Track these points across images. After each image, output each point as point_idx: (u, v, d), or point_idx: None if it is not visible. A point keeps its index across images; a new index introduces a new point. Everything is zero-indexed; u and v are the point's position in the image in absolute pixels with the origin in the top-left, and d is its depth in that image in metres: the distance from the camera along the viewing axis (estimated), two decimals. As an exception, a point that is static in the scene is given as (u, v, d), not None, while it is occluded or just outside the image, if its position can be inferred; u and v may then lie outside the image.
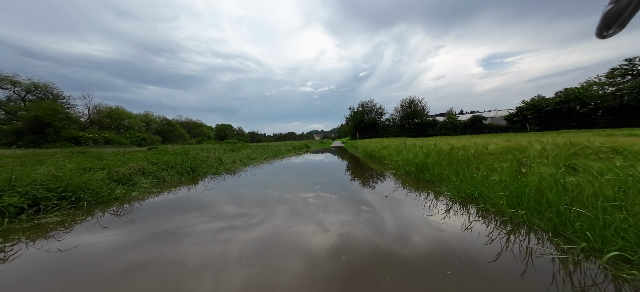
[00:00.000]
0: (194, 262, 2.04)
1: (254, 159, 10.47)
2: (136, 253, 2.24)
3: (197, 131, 46.28)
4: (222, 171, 6.93)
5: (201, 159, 7.16)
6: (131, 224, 3.03)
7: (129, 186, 4.56)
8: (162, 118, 35.86)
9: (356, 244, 2.36)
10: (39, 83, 26.38)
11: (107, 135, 27.51)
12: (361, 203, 3.83)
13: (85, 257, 2.20)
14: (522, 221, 2.68)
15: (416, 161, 6.03)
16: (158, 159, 5.91)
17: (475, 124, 31.67)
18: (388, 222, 2.92)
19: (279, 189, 4.91)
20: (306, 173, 7.02)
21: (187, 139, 36.91)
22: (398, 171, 6.69)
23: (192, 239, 2.51)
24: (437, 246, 2.27)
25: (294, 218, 3.14)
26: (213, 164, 7.21)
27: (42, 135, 22.88)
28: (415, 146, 8.56)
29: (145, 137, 30.39)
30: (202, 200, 4.10)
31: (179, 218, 3.18)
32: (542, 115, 24.87)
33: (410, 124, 38.50)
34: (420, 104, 39.19)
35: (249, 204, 3.86)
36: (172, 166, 5.66)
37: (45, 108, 23.13)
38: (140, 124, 32.99)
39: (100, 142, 27.48)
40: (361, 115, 41.97)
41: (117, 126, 31.05)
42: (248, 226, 2.87)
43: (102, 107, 29.74)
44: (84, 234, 2.71)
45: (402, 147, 8.89)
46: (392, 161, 8.03)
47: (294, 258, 2.09)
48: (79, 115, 28.29)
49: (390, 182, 5.42)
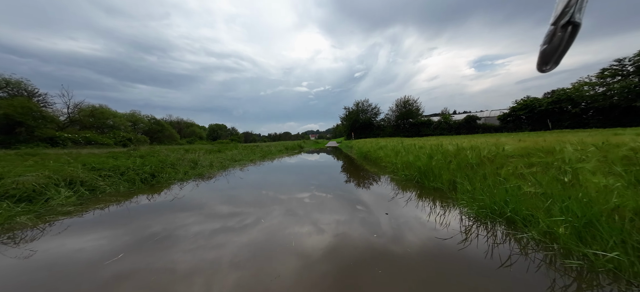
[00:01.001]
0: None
1: (238, 161, 9.46)
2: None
3: (188, 131, 44.36)
4: (193, 176, 5.93)
5: (170, 162, 6.10)
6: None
7: (34, 203, 3.28)
8: (150, 117, 33.99)
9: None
10: (10, 79, 24.42)
11: (88, 135, 25.75)
12: (354, 222, 2.94)
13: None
14: (611, 269, 1.60)
15: (418, 164, 5.20)
16: (104, 163, 4.82)
17: (469, 124, 31.41)
18: (395, 254, 2.04)
19: (254, 201, 3.99)
20: (293, 179, 6.10)
21: (177, 139, 35.19)
22: (397, 175, 5.86)
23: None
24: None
25: (277, 236, 2.21)
26: (183, 168, 6.17)
27: (12, 135, 21.07)
28: (414, 146, 7.76)
29: (131, 138, 28.70)
30: (135, 220, 3.11)
31: (90, 247, 2.21)
32: (535, 115, 24.73)
33: (406, 124, 38.04)
34: (415, 103, 38.84)
35: (206, 225, 2.91)
36: (123, 173, 4.60)
37: (16, 106, 21.32)
38: (126, 124, 31.20)
39: (80, 142, 25.69)
40: (356, 115, 41.27)
41: (100, 126, 29.25)
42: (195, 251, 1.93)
43: (83, 105, 27.90)
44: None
45: (400, 147, 8.08)
46: (390, 163, 7.20)
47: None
48: (57, 115, 26.39)
49: (389, 191, 4.56)
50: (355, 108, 42.53)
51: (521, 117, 26.45)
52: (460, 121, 32.41)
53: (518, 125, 26.49)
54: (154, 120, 34.34)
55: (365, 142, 18.29)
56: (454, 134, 30.19)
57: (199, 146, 16.01)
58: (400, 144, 8.71)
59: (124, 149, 17.65)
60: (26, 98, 23.63)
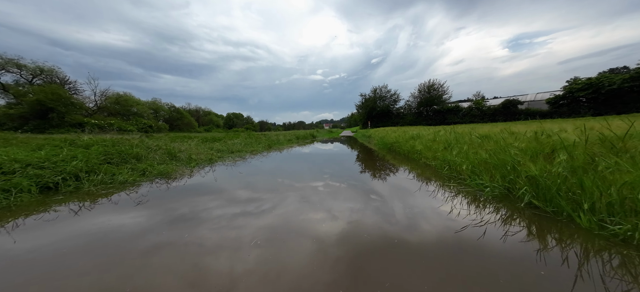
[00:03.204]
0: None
1: (235, 152, 7.78)
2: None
3: (206, 119, 44.59)
4: (154, 175, 4.20)
5: (135, 154, 4.53)
6: None
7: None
8: (170, 106, 34.23)
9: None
10: (44, 67, 25.30)
11: (113, 121, 26.35)
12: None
13: None
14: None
15: (527, 170, 2.78)
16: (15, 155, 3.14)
17: (508, 109, 26.70)
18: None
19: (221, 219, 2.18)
20: (297, 175, 4.29)
21: (195, 127, 35.29)
22: (462, 183, 3.58)
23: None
24: None
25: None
26: (147, 162, 4.55)
27: (46, 120, 21.97)
28: (469, 135, 5.35)
29: (152, 125, 29.10)
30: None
31: None
32: (601, 96, 19.73)
33: (429, 111, 34.02)
34: (441, 88, 34.29)
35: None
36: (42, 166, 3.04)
37: (48, 92, 21.96)
38: (148, 112, 31.73)
39: (105, 128, 26.44)
40: (373, 103, 37.83)
41: (125, 113, 29.96)
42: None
43: (109, 93, 28.51)
44: None
45: (451, 138, 5.64)
46: (437, 161, 4.86)
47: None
48: (86, 102, 27.29)
49: (478, 234, 2.43)
50: (372, 95, 38.99)
51: (580, 99, 21.45)
52: (497, 107, 27.79)
53: (574, 110, 21.58)
54: (173, 108, 34.57)
55: (386, 131, 15.72)
56: (488, 122, 25.90)
57: (203, 135, 14.79)
58: (452, 133, 6.22)
59: (137, 135, 17.25)
60: (58, 85, 24.52)
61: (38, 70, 24.99)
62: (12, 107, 22.34)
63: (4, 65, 23.59)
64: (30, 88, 23.33)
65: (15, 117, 21.34)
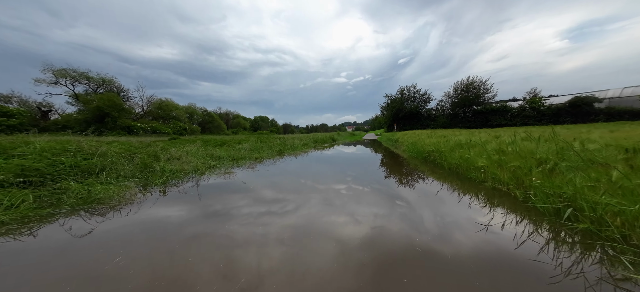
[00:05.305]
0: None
1: (238, 159, 6.85)
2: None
3: (234, 122, 46.95)
4: (69, 206, 2.81)
5: (85, 167, 3.62)
6: None
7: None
8: (203, 110, 36.87)
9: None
10: (106, 78, 29.19)
11: (154, 125, 28.91)
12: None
13: None
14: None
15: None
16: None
17: (580, 108, 21.12)
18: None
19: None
20: (291, 198, 3.06)
21: (224, 129, 37.22)
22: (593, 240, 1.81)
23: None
24: None
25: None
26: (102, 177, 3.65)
27: (103, 124, 25.09)
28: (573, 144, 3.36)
29: (186, 128, 31.27)
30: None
31: None
32: None
33: (467, 112, 29.50)
34: (484, 86, 29.48)
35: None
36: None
37: (105, 99, 25.03)
38: (184, 115, 34.42)
39: (148, 131, 29.05)
40: (400, 104, 34.46)
41: (166, 117, 32.89)
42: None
43: (153, 99, 31.64)
44: None
45: (543, 149, 3.57)
46: (540, 193, 3.14)
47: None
48: (135, 107, 30.63)
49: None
50: (399, 95, 35.54)
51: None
52: (562, 106, 22.36)
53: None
54: (205, 112, 37.05)
55: (418, 135, 13.42)
56: (547, 123, 20.87)
57: (211, 137, 14.40)
58: (535, 140, 4.06)
59: (177, 136, 17.81)
60: (114, 93, 28.16)
61: (101, 81, 28.98)
62: (80, 112, 26.21)
63: (77, 78, 27.87)
64: (94, 96, 27.01)
65: (81, 121, 24.86)
